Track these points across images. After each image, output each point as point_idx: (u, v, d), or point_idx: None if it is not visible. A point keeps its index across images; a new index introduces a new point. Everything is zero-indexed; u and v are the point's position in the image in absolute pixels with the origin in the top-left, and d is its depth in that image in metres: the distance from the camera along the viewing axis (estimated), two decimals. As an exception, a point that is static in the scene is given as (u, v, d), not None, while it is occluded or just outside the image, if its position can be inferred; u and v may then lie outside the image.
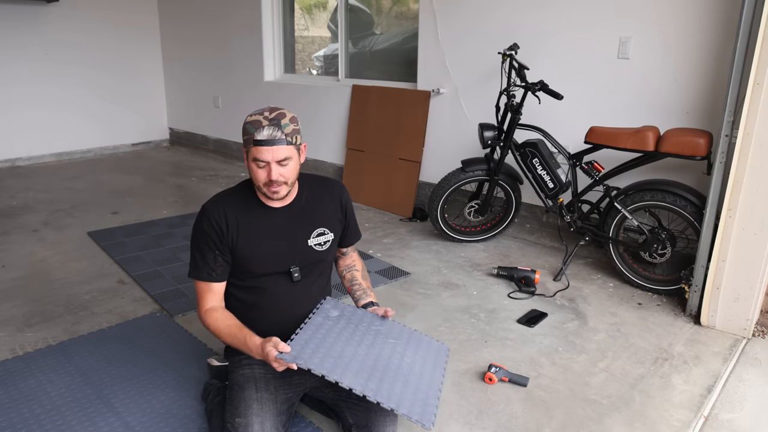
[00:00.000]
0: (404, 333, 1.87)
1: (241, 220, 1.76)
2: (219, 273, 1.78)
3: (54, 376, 2.16)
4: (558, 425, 1.94)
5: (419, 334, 1.92)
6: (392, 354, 1.74)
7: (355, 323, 1.82)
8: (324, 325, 1.77)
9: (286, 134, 1.63)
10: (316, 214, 1.85)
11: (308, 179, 1.89)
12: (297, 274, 1.82)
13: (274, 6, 5.32)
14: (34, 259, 3.35)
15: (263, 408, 1.68)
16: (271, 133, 1.61)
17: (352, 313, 1.87)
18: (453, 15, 3.88)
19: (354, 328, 1.80)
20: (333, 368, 1.58)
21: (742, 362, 2.34)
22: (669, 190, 2.79)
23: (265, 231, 1.78)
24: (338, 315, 1.84)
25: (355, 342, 1.73)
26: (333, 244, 1.90)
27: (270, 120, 1.63)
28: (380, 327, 1.84)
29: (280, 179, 1.66)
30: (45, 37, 5.72)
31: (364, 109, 4.56)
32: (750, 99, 2.29)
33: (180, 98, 6.59)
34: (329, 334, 1.73)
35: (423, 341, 1.89)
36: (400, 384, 1.62)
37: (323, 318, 1.81)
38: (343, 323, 1.81)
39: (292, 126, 1.66)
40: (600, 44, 3.26)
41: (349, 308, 1.90)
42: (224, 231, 1.74)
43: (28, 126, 5.80)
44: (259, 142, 1.62)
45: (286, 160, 1.65)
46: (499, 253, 3.49)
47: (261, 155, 1.62)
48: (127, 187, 4.96)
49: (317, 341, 1.68)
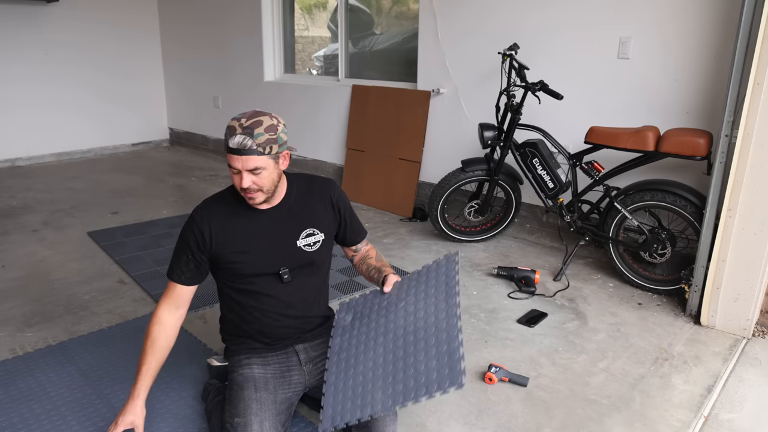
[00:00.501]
0: (411, 284, 1.83)
1: (228, 225, 1.76)
2: (187, 277, 1.77)
3: (54, 376, 2.16)
4: (558, 425, 1.94)
5: (425, 269, 1.86)
6: (406, 321, 1.71)
7: (368, 314, 1.83)
8: (343, 345, 1.79)
9: (258, 144, 1.59)
10: (305, 214, 1.83)
11: (298, 179, 1.86)
12: (287, 276, 1.80)
13: (274, 6, 5.32)
14: (34, 259, 3.35)
15: (262, 408, 1.68)
16: (241, 141, 1.58)
17: (362, 305, 1.89)
18: (453, 15, 3.88)
19: (367, 321, 1.81)
20: (364, 404, 1.58)
21: (742, 362, 2.34)
22: (669, 190, 2.79)
23: (252, 233, 1.77)
24: (352, 318, 1.86)
25: (372, 339, 1.73)
26: (324, 245, 1.87)
27: (244, 128, 1.59)
28: (389, 297, 1.83)
29: (252, 187, 1.64)
30: (45, 37, 5.73)
31: (364, 109, 4.56)
32: (750, 99, 2.29)
33: (180, 98, 6.59)
34: (350, 353, 1.75)
35: (431, 271, 1.83)
36: (422, 353, 1.59)
37: (340, 336, 1.83)
38: (358, 324, 1.82)
39: (266, 136, 1.60)
40: (600, 44, 3.26)
41: (359, 300, 1.92)
42: (205, 239, 1.74)
43: (28, 126, 5.80)
44: (230, 150, 1.61)
45: (258, 170, 1.62)
46: (499, 253, 3.49)
47: (232, 162, 1.62)
48: (127, 187, 4.96)
49: (342, 375, 1.69)
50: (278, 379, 1.81)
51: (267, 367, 1.83)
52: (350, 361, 1.72)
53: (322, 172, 5.07)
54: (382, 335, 1.73)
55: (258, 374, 1.78)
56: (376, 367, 1.65)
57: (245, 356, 1.86)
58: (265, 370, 1.81)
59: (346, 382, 1.67)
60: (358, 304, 1.91)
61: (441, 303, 1.70)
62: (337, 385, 1.68)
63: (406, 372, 1.58)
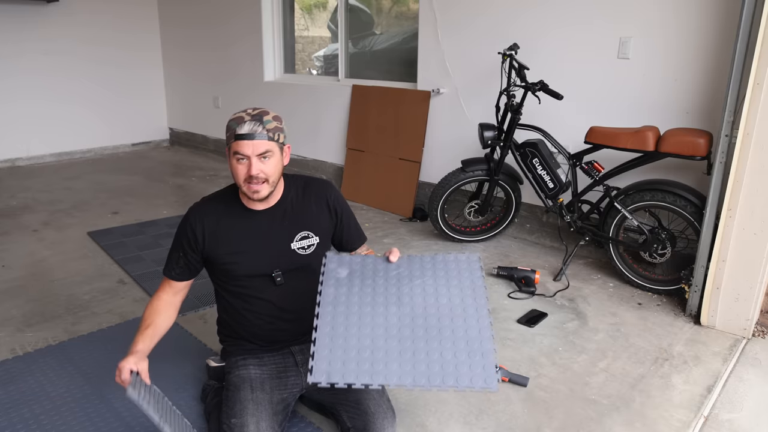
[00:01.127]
0: (426, 266, 1.72)
1: (222, 225, 1.76)
2: (177, 273, 1.81)
3: (54, 376, 2.16)
4: (558, 425, 1.94)
5: (441, 256, 1.75)
6: (425, 301, 1.60)
7: (371, 276, 1.68)
8: (339, 298, 1.61)
9: (268, 129, 1.64)
10: (301, 216, 1.81)
11: (295, 180, 1.86)
12: (279, 278, 1.79)
13: (274, 6, 5.32)
14: (34, 259, 3.35)
15: (258, 408, 1.67)
16: (252, 127, 1.62)
17: (361, 265, 1.72)
18: (453, 15, 3.88)
19: (372, 284, 1.66)
20: (373, 371, 1.43)
21: (742, 362, 2.34)
22: (669, 190, 2.79)
23: (246, 234, 1.77)
24: (348, 273, 1.70)
25: (381, 304, 1.58)
26: (320, 248, 1.84)
27: (252, 116, 1.64)
28: (398, 269, 1.70)
29: (260, 175, 1.64)
30: (45, 37, 5.72)
31: (364, 109, 4.56)
32: (750, 99, 2.29)
33: (180, 98, 6.59)
34: (350, 309, 1.58)
35: (449, 263, 1.72)
36: (449, 342, 1.50)
37: (334, 287, 1.65)
38: (358, 282, 1.66)
39: (274, 123, 1.66)
40: (600, 44, 3.26)
41: (356, 258, 1.74)
42: (197, 238, 1.75)
43: (28, 126, 5.80)
44: (240, 136, 1.62)
45: (267, 154, 1.63)
46: (499, 253, 3.49)
47: (241, 149, 1.62)
48: (127, 187, 4.96)
49: (341, 329, 1.52)
50: (275, 380, 1.81)
51: (263, 367, 1.83)
52: (351, 318, 1.56)
53: (322, 172, 5.07)
54: (395, 305, 1.59)
55: (254, 375, 1.78)
56: (389, 336, 1.51)
57: (241, 357, 1.85)
58: (261, 371, 1.81)
59: (347, 339, 1.51)
60: (354, 263, 1.73)
61: (468, 299, 1.61)
62: (334, 338, 1.51)
63: (430, 355, 1.46)
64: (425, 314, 1.56)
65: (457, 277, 1.68)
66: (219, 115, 6.10)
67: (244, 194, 1.72)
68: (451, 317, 1.56)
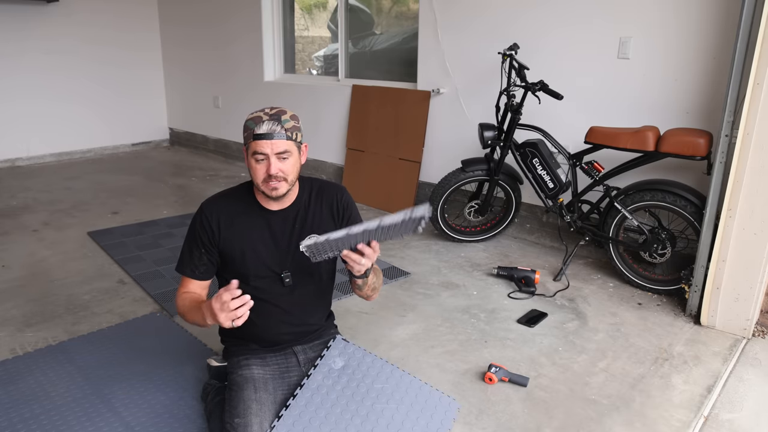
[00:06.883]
0: (410, 391, 1.82)
1: (236, 221, 1.76)
2: (202, 272, 1.79)
3: (54, 376, 2.16)
4: (558, 425, 1.94)
5: (428, 388, 1.86)
6: (388, 429, 1.69)
7: (357, 380, 1.80)
8: (322, 388, 1.76)
9: (286, 129, 1.64)
10: (312, 219, 1.82)
11: (311, 183, 1.86)
12: (288, 279, 1.80)
13: (274, 6, 5.32)
14: (34, 259, 3.35)
15: (262, 408, 1.68)
16: (270, 126, 1.62)
17: (358, 363, 1.85)
18: (453, 15, 3.88)
19: (354, 388, 1.78)
20: None
21: (742, 362, 2.34)
22: (669, 190, 2.79)
23: (258, 233, 1.77)
24: (342, 366, 1.83)
25: (350, 412, 1.71)
26: None
27: (270, 116, 1.64)
28: (384, 384, 1.80)
29: (279, 174, 1.65)
30: (45, 37, 5.72)
31: (364, 109, 4.56)
32: (750, 99, 2.29)
33: (180, 98, 6.59)
34: (323, 404, 1.72)
35: (430, 399, 1.83)
36: None
37: (324, 375, 1.79)
38: (345, 381, 1.79)
39: (292, 122, 1.66)
40: (600, 44, 3.26)
41: (357, 354, 1.88)
42: (215, 231, 1.75)
43: (28, 126, 5.80)
44: (259, 136, 1.62)
45: (286, 153, 1.64)
46: (499, 253, 3.49)
47: (260, 148, 1.62)
48: (127, 187, 4.96)
49: (308, 417, 1.67)
50: (277, 380, 1.81)
51: (266, 367, 1.83)
52: (324, 405, 1.72)
53: (322, 172, 5.07)
54: (360, 418, 1.70)
55: (257, 375, 1.79)
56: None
57: (244, 357, 1.86)
58: (264, 371, 1.81)
59: (313, 417, 1.68)
60: (354, 357, 1.87)
61: None
62: (304, 413, 1.69)
63: None
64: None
65: (430, 415, 1.78)
66: (219, 115, 6.10)
67: (261, 193, 1.72)
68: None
